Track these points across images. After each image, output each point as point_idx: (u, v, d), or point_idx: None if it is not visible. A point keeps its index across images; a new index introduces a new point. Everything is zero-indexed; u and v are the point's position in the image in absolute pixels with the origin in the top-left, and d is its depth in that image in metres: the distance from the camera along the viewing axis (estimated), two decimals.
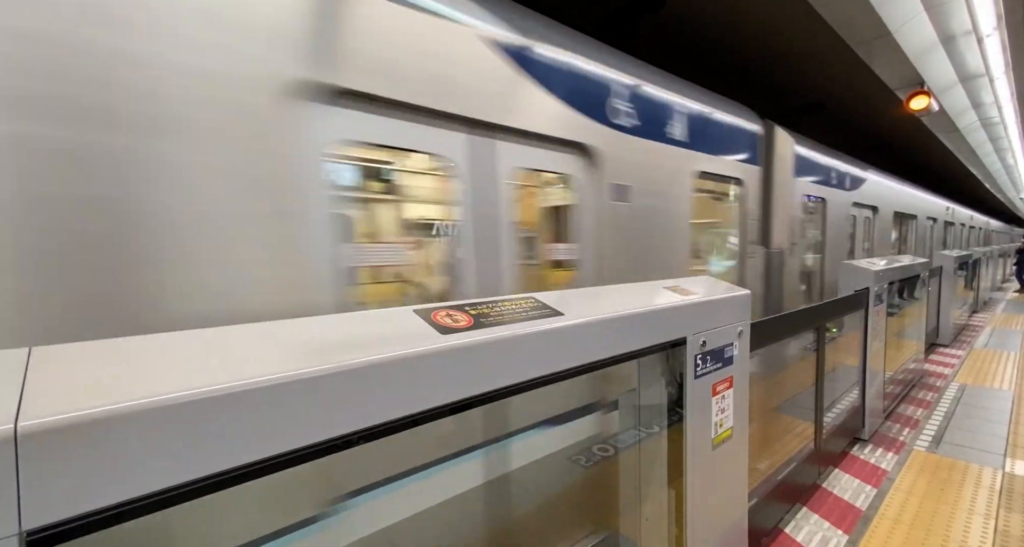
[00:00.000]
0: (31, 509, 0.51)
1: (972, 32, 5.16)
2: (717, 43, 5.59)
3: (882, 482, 3.02)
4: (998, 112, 8.18)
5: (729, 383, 1.73)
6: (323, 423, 0.74)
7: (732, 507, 1.84)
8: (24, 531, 0.51)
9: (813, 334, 2.92)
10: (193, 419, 0.61)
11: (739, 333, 1.76)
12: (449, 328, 0.98)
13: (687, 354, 1.54)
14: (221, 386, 0.63)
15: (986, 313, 9.66)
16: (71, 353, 0.67)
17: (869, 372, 3.59)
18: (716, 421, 1.69)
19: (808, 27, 4.91)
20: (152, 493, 0.59)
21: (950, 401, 4.46)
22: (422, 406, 0.87)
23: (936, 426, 3.88)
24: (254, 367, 0.69)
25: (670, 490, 1.67)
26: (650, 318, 1.39)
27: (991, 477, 3.04)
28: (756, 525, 2.31)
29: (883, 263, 3.92)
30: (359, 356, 0.78)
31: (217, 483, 0.64)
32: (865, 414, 3.64)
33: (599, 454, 2.49)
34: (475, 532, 2.00)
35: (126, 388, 0.59)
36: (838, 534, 2.52)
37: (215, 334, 0.80)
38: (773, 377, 3.62)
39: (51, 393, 0.57)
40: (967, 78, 6.55)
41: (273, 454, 0.69)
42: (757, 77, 6.63)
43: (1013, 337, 7.16)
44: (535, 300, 1.25)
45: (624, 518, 1.85)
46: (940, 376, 5.37)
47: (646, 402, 1.70)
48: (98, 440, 0.55)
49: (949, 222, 12.76)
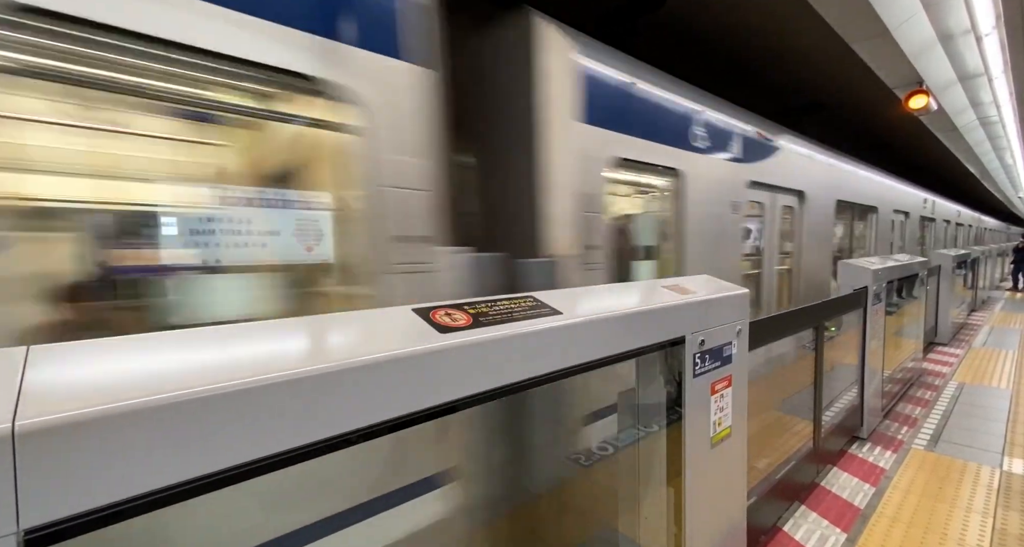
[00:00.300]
0: (29, 508, 0.51)
1: (971, 31, 5.16)
2: (715, 43, 5.59)
3: (880, 480, 3.03)
4: (997, 111, 8.19)
5: (728, 382, 1.73)
6: (322, 422, 0.74)
7: (731, 505, 1.84)
8: (22, 530, 0.51)
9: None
10: (191, 418, 0.61)
11: (738, 332, 1.77)
12: (448, 327, 0.98)
13: (685, 353, 1.54)
14: (219, 385, 0.63)
15: (984, 312, 9.68)
16: (68, 352, 0.67)
17: (868, 371, 3.60)
18: (715, 420, 1.69)
19: (806, 26, 4.92)
20: (150, 492, 0.59)
21: (948, 400, 4.47)
22: (421, 405, 0.87)
23: (934, 425, 3.89)
24: (252, 366, 0.69)
25: (669, 489, 1.67)
26: (648, 317, 1.39)
27: (989, 475, 3.04)
28: (755, 523, 2.32)
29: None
30: (358, 355, 0.78)
31: (216, 482, 0.64)
32: (864, 413, 3.65)
33: (598, 453, 2.49)
34: (475, 531, 2.00)
35: (125, 386, 0.59)
36: (836, 532, 2.52)
37: (214, 333, 0.80)
38: (770, 376, 3.63)
39: (49, 392, 0.57)
40: (966, 77, 6.55)
41: (271, 453, 0.69)
42: (755, 76, 6.63)
43: (1011, 336, 7.18)
44: (534, 299, 1.25)
45: (623, 517, 1.86)
46: (939, 375, 5.38)
47: (645, 401, 1.71)
48: (96, 439, 0.55)
49: (927, 217, 10.66)
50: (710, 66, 6.11)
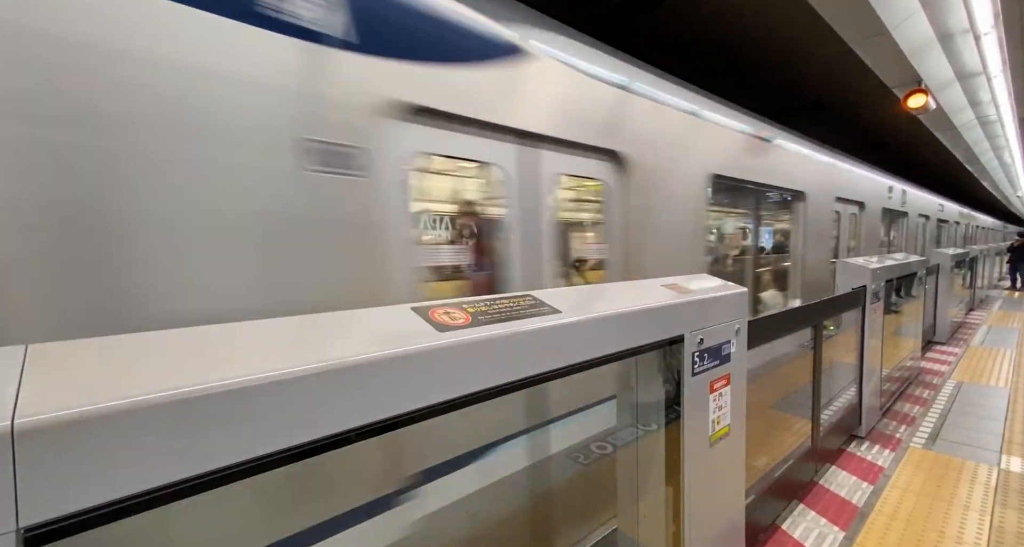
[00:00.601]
0: (29, 506, 0.51)
1: (969, 30, 5.17)
2: (715, 42, 5.59)
3: (879, 479, 3.04)
4: (995, 110, 8.21)
5: (726, 380, 1.74)
6: (321, 420, 0.74)
7: (729, 503, 1.85)
8: (22, 527, 0.51)
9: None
10: (190, 416, 0.61)
11: (736, 331, 1.77)
12: (447, 326, 0.98)
13: (684, 351, 1.54)
14: (218, 383, 0.64)
15: (983, 311, 9.70)
16: (67, 350, 0.67)
17: (866, 369, 3.60)
18: (713, 418, 1.69)
19: (805, 25, 4.92)
20: (151, 489, 0.59)
21: (946, 398, 4.48)
22: (420, 403, 0.87)
23: (932, 423, 3.90)
24: (250, 364, 0.69)
25: (668, 487, 1.67)
26: (647, 315, 1.39)
27: (987, 474, 3.05)
28: (753, 521, 2.33)
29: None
30: (357, 353, 0.79)
31: (217, 480, 0.64)
32: (862, 412, 3.66)
33: (597, 452, 2.50)
34: (473, 530, 2.00)
35: (124, 384, 0.59)
36: (834, 530, 2.53)
37: (212, 331, 0.80)
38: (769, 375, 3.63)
39: (48, 390, 0.57)
40: (964, 76, 6.56)
41: (270, 451, 0.69)
42: (753, 76, 6.64)
43: (1009, 335, 7.19)
44: (533, 298, 1.25)
45: (622, 515, 1.86)
46: (937, 374, 5.39)
47: (644, 400, 1.71)
48: (96, 437, 0.55)
49: (896, 211, 8.42)
50: (709, 66, 6.11)
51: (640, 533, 1.78)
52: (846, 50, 5.09)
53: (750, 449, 1.93)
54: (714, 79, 5.43)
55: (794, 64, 6.29)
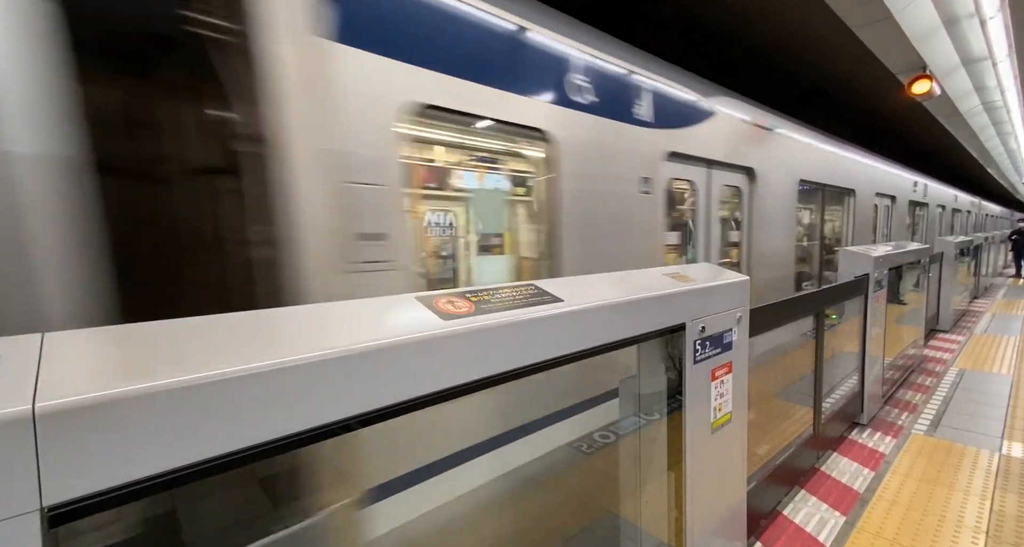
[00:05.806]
0: (51, 486, 0.53)
1: (975, 15, 5.10)
2: (718, 29, 5.53)
3: (880, 465, 3.06)
4: (1001, 96, 8.12)
5: (728, 368, 1.75)
6: (329, 406, 0.76)
7: (731, 490, 1.87)
8: (46, 506, 0.53)
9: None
10: (199, 402, 0.63)
11: (738, 319, 1.78)
12: (450, 314, 0.99)
13: (686, 340, 1.55)
14: (230, 369, 0.65)
15: (987, 299, 9.67)
16: (82, 338, 0.69)
17: (868, 358, 3.61)
18: (715, 406, 1.71)
19: (808, 10, 4.86)
20: (169, 470, 0.61)
21: (949, 386, 4.49)
22: (423, 390, 0.89)
23: (935, 410, 3.92)
24: (262, 351, 0.71)
25: (670, 474, 1.70)
26: (649, 304, 1.40)
27: (988, 459, 3.07)
28: (755, 507, 2.35)
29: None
30: (362, 341, 0.80)
31: (230, 463, 0.67)
32: (864, 399, 3.68)
33: (600, 440, 2.52)
34: (478, 520, 2.03)
35: (140, 370, 0.61)
36: (836, 515, 2.56)
37: (221, 321, 0.82)
38: (771, 363, 3.65)
39: (66, 375, 0.59)
40: (970, 61, 6.48)
41: (281, 435, 0.71)
42: (756, 63, 6.57)
43: (1013, 322, 7.18)
44: (535, 287, 1.26)
45: (625, 502, 1.89)
46: (940, 361, 5.40)
47: (646, 388, 1.73)
48: (114, 420, 0.57)
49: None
50: (712, 54, 6.05)
51: (643, 519, 1.80)
52: (850, 36, 5.03)
53: (752, 437, 1.95)
54: (717, 66, 5.39)
55: (797, 51, 6.22)
